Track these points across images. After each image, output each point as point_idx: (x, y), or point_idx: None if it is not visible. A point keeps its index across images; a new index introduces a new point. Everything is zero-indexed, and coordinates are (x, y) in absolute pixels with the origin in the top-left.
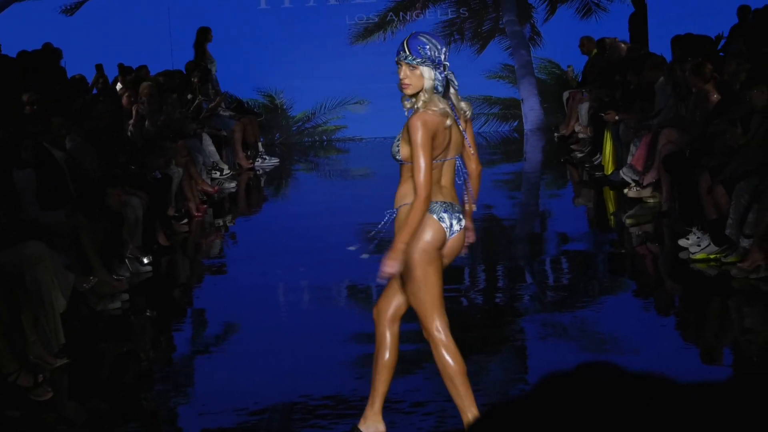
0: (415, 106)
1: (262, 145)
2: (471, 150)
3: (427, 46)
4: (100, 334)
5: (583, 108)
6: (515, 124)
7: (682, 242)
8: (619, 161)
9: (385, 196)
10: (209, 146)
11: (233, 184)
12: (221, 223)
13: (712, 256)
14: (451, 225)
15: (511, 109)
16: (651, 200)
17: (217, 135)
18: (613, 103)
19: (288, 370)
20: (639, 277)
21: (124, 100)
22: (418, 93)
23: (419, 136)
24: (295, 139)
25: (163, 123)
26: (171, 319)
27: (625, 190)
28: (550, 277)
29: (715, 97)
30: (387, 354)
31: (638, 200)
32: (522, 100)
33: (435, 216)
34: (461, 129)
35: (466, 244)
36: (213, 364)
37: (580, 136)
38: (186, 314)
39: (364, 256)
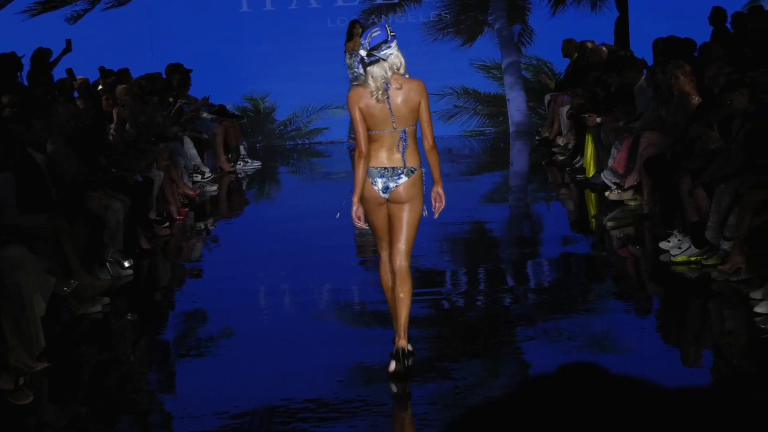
0: None
1: (245, 148)
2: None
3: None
4: (81, 337)
5: (564, 111)
6: (500, 119)
7: (663, 245)
8: (601, 164)
9: None
10: (191, 149)
11: (215, 188)
12: (202, 227)
13: (692, 259)
14: (385, 185)
15: (497, 106)
16: (632, 203)
17: (199, 138)
18: (594, 106)
19: (269, 374)
20: (620, 279)
21: (104, 103)
22: None
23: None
24: (277, 142)
25: (144, 126)
26: (152, 322)
27: (607, 193)
28: (531, 280)
29: (696, 100)
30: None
31: (619, 203)
32: (508, 99)
33: (370, 179)
34: (386, 106)
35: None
36: (194, 367)
37: (561, 143)
38: (167, 318)
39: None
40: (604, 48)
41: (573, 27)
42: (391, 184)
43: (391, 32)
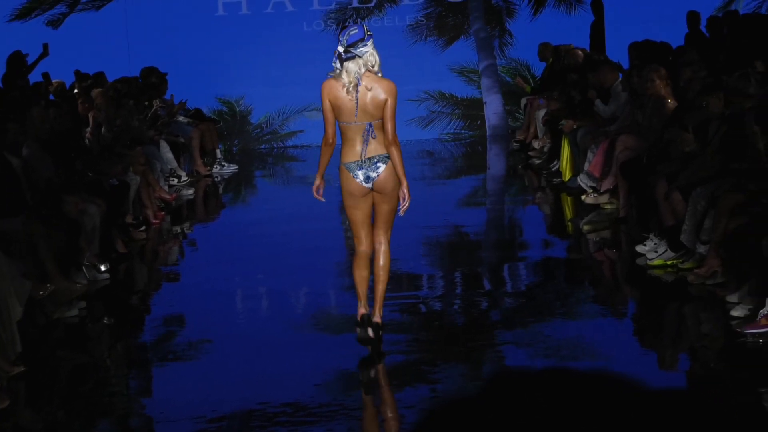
0: None
1: (221, 151)
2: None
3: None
4: (57, 341)
5: (540, 115)
6: (478, 123)
7: (639, 248)
8: (577, 168)
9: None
10: (167, 153)
11: (191, 191)
12: (179, 230)
13: (669, 262)
14: (366, 176)
15: (474, 109)
16: (608, 207)
17: (175, 142)
18: (571, 109)
19: (246, 378)
20: (596, 283)
21: (80, 107)
22: None
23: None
24: (253, 145)
25: (120, 130)
26: (128, 326)
27: (583, 197)
28: (508, 284)
29: (672, 104)
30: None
31: (596, 207)
32: (485, 103)
33: (350, 173)
34: (352, 99)
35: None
36: (170, 371)
37: (536, 146)
38: (143, 322)
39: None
40: (579, 51)
41: (550, 30)
42: (372, 174)
43: (368, 31)
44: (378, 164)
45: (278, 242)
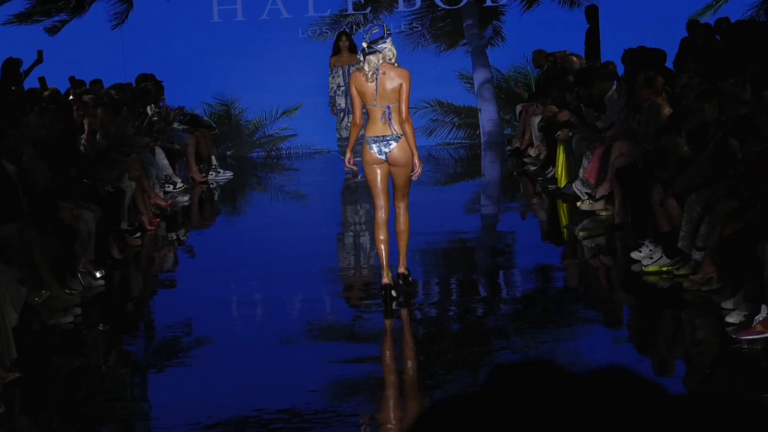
0: None
1: (216, 158)
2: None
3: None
4: (53, 348)
5: (536, 122)
6: (476, 132)
7: (634, 255)
8: (572, 174)
9: (337, 207)
10: (162, 159)
11: (186, 198)
12: (174, 237)
13: (664, 269)
14: (379, 149)
15: (470, 117)
16: (603, 213)
17: (170, 148)
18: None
19: (242, 384)
20: (592, 289)
21: (75, 113)
22: None
23: None
24: (247, 151)
25: (115, 136)
26: (124, 333)
27: (578, 203)
28: (503, 290)
29: (667, 110)
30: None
31: (591, 213)
32: (480, 109)
33: (368, 146)
34: (373, 87)
35: (413, 175)
36: (166, 378)
37: (532, 153)
38: (139, 328)
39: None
40: (574, 57)
41: (545, 35)
42: (384, 149)
43: (387, 30)
44: (390, 142)
45: (273, 249)
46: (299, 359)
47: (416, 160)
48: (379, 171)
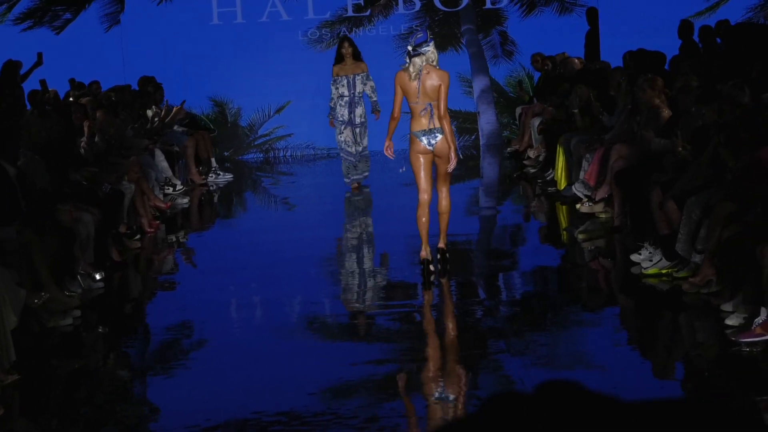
0: None
1: (215, 160)
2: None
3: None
4: (52, 350)
5: (535, 124)
6: (473, 137)
7: (634, 257)
8: (572, 176)
9: (336, 209)
10: (162, 162)
11: (186, 200)
12: (174, 239)
13: (663, 271)
14: (428, 141)
15: (468, 123)
16: (603, 215)
17: (170, 150)
18: (567, 118)
19: (241, 387)
20: (591, 292)
21: (75, 116)
22: None
23: None
24: (245, 152)
25: (114, 139)
26: (123, 335)
27: (578, 206)
28: (502, 293)
29: (666, 113)
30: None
31: (590, 215)
32: (478, 113)
33: (417, 138)
34: (416, 85)
35: (449, 168)
36: (165, 380)
37: (531, 155)
38: (138, 331)
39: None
40: (575, 60)
41: (544, 37)
42: (432, 141)
43: (430, 35)
44: (436, 135)
45: (272, 251)
46: (298, 361)
47: (453, 153)
48: (423, 159)
